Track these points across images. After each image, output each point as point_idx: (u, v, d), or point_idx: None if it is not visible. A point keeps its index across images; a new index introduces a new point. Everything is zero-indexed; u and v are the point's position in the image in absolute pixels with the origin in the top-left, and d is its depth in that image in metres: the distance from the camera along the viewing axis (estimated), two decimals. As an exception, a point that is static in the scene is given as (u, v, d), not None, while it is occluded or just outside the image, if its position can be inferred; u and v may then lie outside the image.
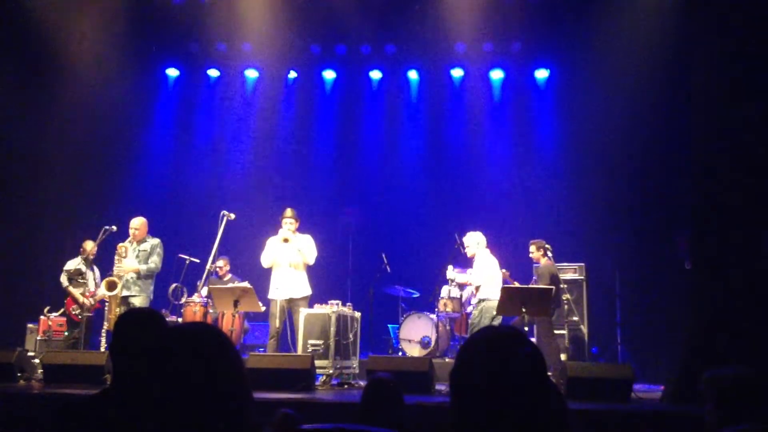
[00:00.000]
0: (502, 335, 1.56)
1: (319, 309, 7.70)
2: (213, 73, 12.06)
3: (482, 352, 1.53)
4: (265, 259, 7.90)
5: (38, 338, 8.59)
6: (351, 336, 7.84)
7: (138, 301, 8.07)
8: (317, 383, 6.86)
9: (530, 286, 8.15)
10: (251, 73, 12.02)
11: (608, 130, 10.09)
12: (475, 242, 8.21)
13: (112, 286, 7.99)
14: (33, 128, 10.27)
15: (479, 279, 8.05)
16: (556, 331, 8.63)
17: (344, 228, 11.20)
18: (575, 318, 8.95)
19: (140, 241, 8.26)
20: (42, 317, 8.68)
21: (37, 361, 7.56)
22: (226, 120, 12.09)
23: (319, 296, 8.14)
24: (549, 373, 7.65)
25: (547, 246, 8.61)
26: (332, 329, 7.44)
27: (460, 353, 1.57)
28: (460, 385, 1.53)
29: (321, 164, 11.93)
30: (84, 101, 10.57)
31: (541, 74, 11.51)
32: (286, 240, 7.71)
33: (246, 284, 7.76)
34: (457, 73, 11.74)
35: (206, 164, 11.83)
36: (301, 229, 8.00)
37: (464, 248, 8.32)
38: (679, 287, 8.38)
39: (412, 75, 11.92)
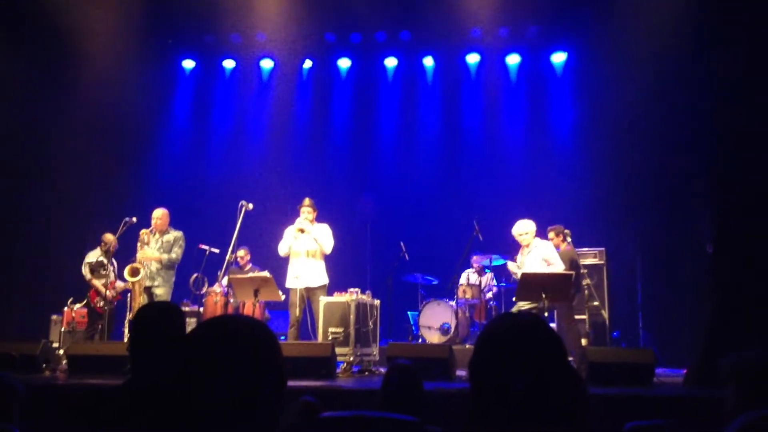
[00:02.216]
0: (521, 322, 1.55)
1: (338, 297, 7.73)
2: (228, 63, 12.08)
3: (501, 339, 1.52)
4: (282, 248, 7.93)
5: (62, 330, 8.69)
6: (371, 323, 7.85)
7: (161, 292, 8.17)
8: (338, 370, 6.90)
9: (550, 271, 8.09)
10: (266, 63, 12.02)
11: (627, 112, 9.98)
12: (534, 231, 7.86)
13: (135, 272, 8.07)
14: (51, 122, 10.36)
15: (561, 265, 7.75)
16: (576, 317, 8.59)
17: (362, 216, 11.19)
18: (596, 303, 8.91)
19: (163, 232, 8.36)
20: (66, 309, 8.78)
21: (61, 352, 7.66)
22: (243, 110, 12.12)
23: (338, 284, 8.16)
24: (570, 359, 7.63)
25: (566, 231, 8.56)
26: (352, 317, 7.46)
27: (479, 341, 1.57)
28: (479, 373, 1.52)
29: (338, 153, 11.92)
30: (101, 95, 10.63)
31: (558, 58, 11.40)
32: (302, 230, 7.74)
33: (266, 273, 7.80)
34: (472, 58, 11.66)
35: (224, 155, 11.88)
36: (318, 218, 8.02)
37: (521, 235, 7.84)
38: (700, 270, 8.30)
39: (428, 62, 11.85)
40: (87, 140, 10.64)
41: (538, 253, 7.75)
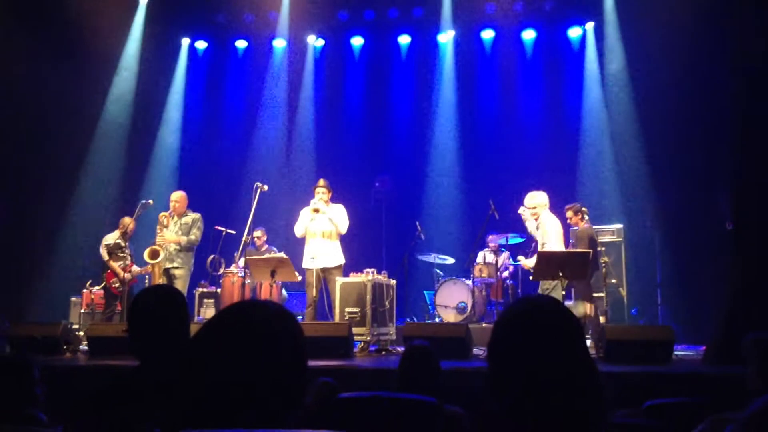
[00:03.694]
0: (540, 305, 1.52)
1: (354, 277, 7.74)
2: (241, 44, 12.02)
3: (519, 321, 1.50)
4: (298, 229, 7.94)
5: (82, 311, 8.78)
6: (387, 303, 7.86)
7: (180, 273, 8.23)
8: (355, 350, 6.92)
9: (568, 249, 8.04)
10: (279, 43, 11.94)
11: (645, 88, 9.87)
12: (543, 203, 7.67)
13: (155, 255, 8.12)
14: (67, 106, 10.39)
15: (556, 245, 7.53)
16: (594, 294, 8.56)
17: (377, 196, 11.16)
18: (614, 280, 8.85)
19: (181, 215, 8.40)
20: (85, 291, 8.86)
21: (81, 333, 7.74)
22: (256, 91, 12.06)
23: (354, 265, 8.16)
24: (586, 335, 7.55)
25: (583, 209, 8.49)
26: (368, 297, 7.47)
27: (497, 324, 1.54)
28: (497, 356, 1.50)
29: (352, 132, 11.85)
30: (114, 78, 10.67)
31: (575, 33, 11.24)
32: (316, 210, 7.74)
33: (282, 255, 7.81)
34: (487, 34, 11.52)
35: (238, 136, 11.86)
36: (333, 199, 8.02)
37: (528, 209, 7.66)
38: (720, 247, 8.23)
39: (442, 38, 11.72)
40: (102, 123, 10.69)
41: (544, 227, 7.61)
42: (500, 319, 1.55)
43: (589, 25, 11.09)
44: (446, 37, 11.62)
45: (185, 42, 11.99)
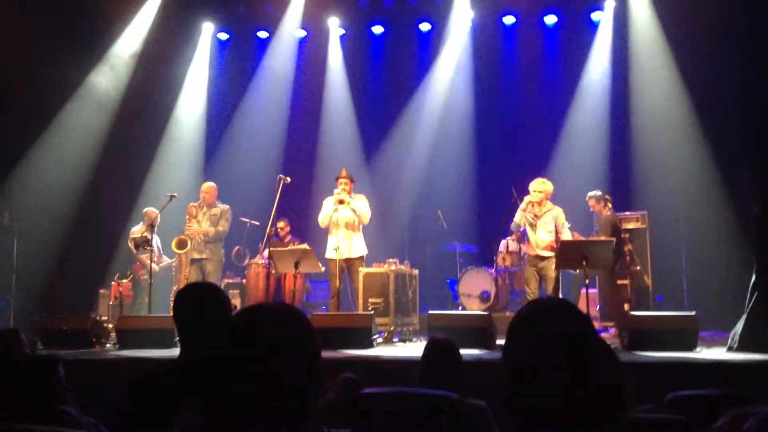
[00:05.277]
0: (551, 308, 1.55)
1: (377, 268, 7.78)
2: (262, 34, 12.03)
3: (532, 326, 1.52)
4: (323, 220, 8.00)
5: (110, 303, 8.92)
6: (410, 293, 7.90)
7: (210, 265, 8.36)
8: (379, 340, 6.98)
9: (591, 238, 8.01)
10: (299, 32, 11.92)
11: (668, 70, 9.73)
12: (549, 192, 7.57)
13: (182, 245, 8.23)
14: (96, 101, 10.53)
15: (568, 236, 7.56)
16: (619, 282, 8.51)
17: (399, 185, 11.15)
18: (638, 268, 8.79)
19: (210, 206, 8.52)
20: (113, 283, 9.01)
21: (110, 326, 7.87)
22: (278, 81, 12.05)
23: (376, 255, 8.20)
24: (611, 324, 7.51)
25: (606, 197, 8.43)
26: (391, 287, 7.52)
27: (510, 329, 1.57)
28: (513, 360, 1.53)
29: (373, 121, 11.82)
30: (140, 73, 10.77)
31: (597, 16, 11.08)
32: (341, 201, 7.78)
33: (305, 246, 7.88)
34: (508, 20, 11.40)
35: (261, 127, 11.87)
36: (355, 189, 8.05)
37: (534, 191, 7.55)
38: (746, 231, 8.13)
39: (463, 25, 11.60)
40: (129, 117, 10.79)
41: (553, 215, 7.53)
42: (513, 323, 1.58)
43: (609, 4, 10.89)
44: (467, 24, 11.50)
45: (206, 27, 11.89)
